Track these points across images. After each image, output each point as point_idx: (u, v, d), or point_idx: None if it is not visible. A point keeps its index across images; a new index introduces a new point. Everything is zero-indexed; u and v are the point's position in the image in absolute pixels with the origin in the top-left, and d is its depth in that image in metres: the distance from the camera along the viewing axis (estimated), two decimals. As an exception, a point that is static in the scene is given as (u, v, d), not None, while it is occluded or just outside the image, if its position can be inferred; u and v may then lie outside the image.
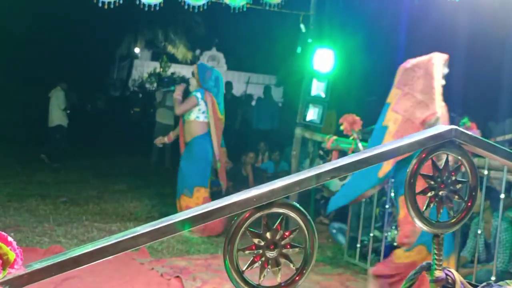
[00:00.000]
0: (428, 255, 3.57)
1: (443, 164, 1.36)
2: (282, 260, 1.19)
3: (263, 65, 18.67)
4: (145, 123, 14.87)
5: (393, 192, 4.46)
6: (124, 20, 15.84)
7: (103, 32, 16.17)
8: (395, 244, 5.26)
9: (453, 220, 1.36)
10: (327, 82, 6.32)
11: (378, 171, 3.85)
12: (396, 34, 9.65)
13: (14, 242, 0.99)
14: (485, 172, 4.06)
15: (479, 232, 4.40)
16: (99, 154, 10.93)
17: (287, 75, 13.76)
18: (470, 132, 1.37)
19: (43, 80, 13.08)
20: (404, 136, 1.50)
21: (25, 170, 8.71)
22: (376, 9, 8.99)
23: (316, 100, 6.31)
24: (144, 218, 6.37)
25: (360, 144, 5.09)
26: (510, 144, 5.91)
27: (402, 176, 1.42)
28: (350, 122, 5.20)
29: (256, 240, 1.17)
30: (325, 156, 7.22)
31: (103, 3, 5.54)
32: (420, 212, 1.32)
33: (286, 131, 8.85)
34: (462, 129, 1.34)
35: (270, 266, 1.17)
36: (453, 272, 1.36)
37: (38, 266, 1.01)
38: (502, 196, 4.07)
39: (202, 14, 9.52)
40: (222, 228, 5.65)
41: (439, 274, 1.35)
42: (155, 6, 5.69)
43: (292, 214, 1.19)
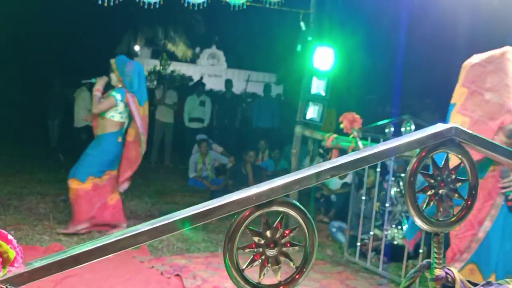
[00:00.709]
0: (480, 277, 3.20)
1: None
2: (282, 259, 1.19)
3: (263, 63, 18.66)
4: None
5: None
6: (124, 18, 15.81)
7: (103, 30, 16.13)
8: (395, 242, 5.27)
9: (453, 218, 1.36)
10: (327, 80, 6.31)
11: None
12: (396, 32, 9.64)
13: (14, 240, 0.99)
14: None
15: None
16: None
17: (287, 73, 13.77)
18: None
19: (42, 78, 13.09)
20: None
21: (25, 168, 8.72)
22: (376, 7, 8.98)
23: (316, 98, 6.31)
24: (144, 216, 6.37)
25: (360, 142, 5.09)
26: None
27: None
28: (350, 120, 5.21)
29: (256, 238, 1.17)
30: (325, 154, 7.23)
31: (103, 1, 5.53)
32: (420, 210, 1.32)
33: (286, 129, 8.84)
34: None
35: (270, 264, 1.17)
36: (453, 270, 1.36)
37: (38, 264, 1.01)
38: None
39: (202, 12, 9.48)
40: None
41: (439, 272, 1.35)
42: (155, 4, 5.68)
43: (292, 213, 1.19)
